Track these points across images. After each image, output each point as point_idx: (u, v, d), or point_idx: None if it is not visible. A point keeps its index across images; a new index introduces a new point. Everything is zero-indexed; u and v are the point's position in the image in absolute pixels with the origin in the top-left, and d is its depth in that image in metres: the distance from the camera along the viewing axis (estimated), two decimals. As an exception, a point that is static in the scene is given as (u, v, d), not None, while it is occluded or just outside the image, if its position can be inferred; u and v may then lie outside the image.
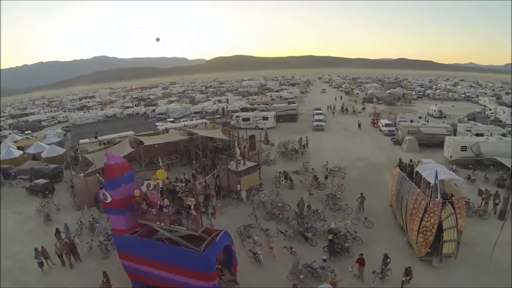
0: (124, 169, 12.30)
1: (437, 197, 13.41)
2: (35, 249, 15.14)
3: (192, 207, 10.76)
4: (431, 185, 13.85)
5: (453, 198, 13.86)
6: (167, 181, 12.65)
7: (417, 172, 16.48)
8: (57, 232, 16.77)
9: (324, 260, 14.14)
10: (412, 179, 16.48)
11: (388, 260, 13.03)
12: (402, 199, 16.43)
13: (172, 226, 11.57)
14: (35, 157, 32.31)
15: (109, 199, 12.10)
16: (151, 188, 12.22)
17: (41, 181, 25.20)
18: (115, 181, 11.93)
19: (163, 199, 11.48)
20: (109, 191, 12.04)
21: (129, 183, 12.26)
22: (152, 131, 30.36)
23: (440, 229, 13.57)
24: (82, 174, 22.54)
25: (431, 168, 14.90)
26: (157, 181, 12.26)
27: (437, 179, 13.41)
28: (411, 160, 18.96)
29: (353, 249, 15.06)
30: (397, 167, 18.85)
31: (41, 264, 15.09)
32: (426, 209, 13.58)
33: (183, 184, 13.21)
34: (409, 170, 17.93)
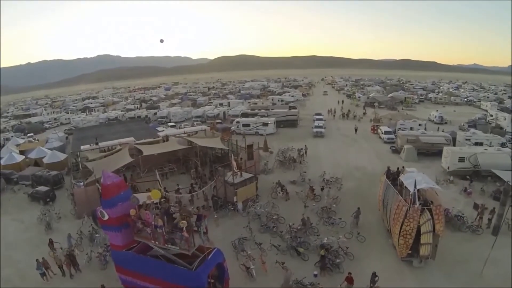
0: (121, 188, 12.66)
1: (416, 204, 14.54)
2: (37, 260, 15.49)
3: (184, 228, 11.08)
4: (410, 193, 14.95)
5: (431, 205, 14.88)
6: (163, 199, 13.00)
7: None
8: (51, 242, 17.12)
9: (315, 276, 14.39)
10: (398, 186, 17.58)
11: (377, 278, 13.27)
12: (387, 205, 17.71)
13: (166, 245, 11.95)
14: (37, 162, 32.73)
15: (106, 217, 12.48)
16: (147, 203, 12.59)
17: (43, 188, 25.59)
18: (111, 200, 12.29)
19: (158, 218, 11.81)
20: (106, 209, 12.41)
21: (126, 202, 12.61)
22: (152, 138, 30.80)
23: (419, 233, 14.60)
24: (82, 183, 22.89)
25: (412, 177, 15.97)
26: (152, 200, 12.60)
27: (415, 188, 14.67)
28: (398, 169, 19.66)
29: (344, 265, 15.27)
30: (385, 175, 19.74)
31: (43, 275, 15.50)
32: (406, 215, 14.69)
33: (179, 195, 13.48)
34: (393, 177, 18.85)
